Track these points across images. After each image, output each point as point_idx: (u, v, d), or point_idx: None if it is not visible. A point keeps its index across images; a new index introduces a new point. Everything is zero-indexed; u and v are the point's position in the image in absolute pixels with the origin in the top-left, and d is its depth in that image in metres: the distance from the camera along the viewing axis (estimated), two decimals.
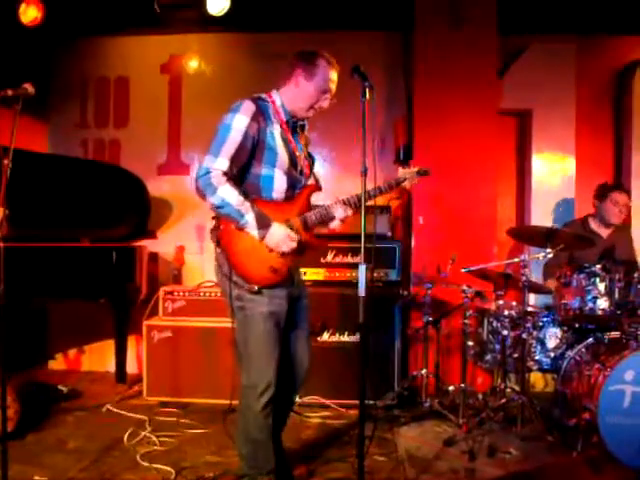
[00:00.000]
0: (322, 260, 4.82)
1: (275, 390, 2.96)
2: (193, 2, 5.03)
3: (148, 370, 4.79)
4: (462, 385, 4.26)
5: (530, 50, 5.44)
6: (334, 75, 3.01)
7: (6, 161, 2.79)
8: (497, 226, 5.13)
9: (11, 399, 3.67)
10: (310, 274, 4.82)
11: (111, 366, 5.34)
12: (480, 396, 4.42)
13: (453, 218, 5.07)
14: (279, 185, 3.00)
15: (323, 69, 2.99)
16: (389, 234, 4.91)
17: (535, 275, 4.99)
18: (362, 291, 2.79)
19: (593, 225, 4.81)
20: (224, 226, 2.92)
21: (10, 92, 2.83)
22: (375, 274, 4.70)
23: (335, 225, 3.14)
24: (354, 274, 4.63)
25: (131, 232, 5.37)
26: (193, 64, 5.96)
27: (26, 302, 4.60)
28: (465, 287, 4.33)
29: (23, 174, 3.02)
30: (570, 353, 4.04)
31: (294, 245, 2.91)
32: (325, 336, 4.70)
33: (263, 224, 2.85)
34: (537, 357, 4.26)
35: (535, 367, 4.31)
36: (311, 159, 3.25)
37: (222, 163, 2.82)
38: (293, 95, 3.04)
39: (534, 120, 5.58)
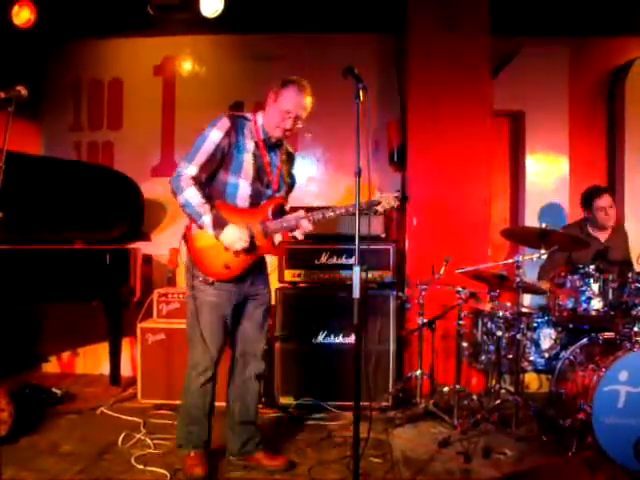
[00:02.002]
0: (316, 262, 4.81)
1: (213, 373, 3.38)
2: (186, 4, 5.02)
3: (142, 372, 4.78)
4: (457, 386, 4.26)
5: (523, 51, 5.44)
6: (303, 100, 3.34)
7: None
8: (491, 227, 5.15)
9: (5, 402, 3.67)
10: (304, 276, 4.82)
11: (105, 369, 5.34)
12: (475, 397, 4.41)
13: (447, 219, 5.08)
14: (243, 193, 3.37)
15: (289, 93, 3.32)
16: (383, 235, 4.90)
17: (529, 276, 4.99)
18: (357, 293, 2.80)
19: (590, 229, 4.81)
20: (189, 225, 3.34)
21: (2, 94, 2.82)
22: (370, 275, 4.69)
23: (296, 234, 3.45)
24: (348, 275, 4.63)
25: (125, 234, 5.36)
26: (186, 66, 5.95)
27: (19, 305, 4.59)
28: (459, 288, 4.33)
29: (16, 177, 3.01)
30: (564, 354, 4.05)
31: (246, 245, 3.24)
32: (320, 338, 4.69)
33: (219, 224, 3.23)
34: (531, 358, 4.27)
35: (530, 368, 4.32)
36: (291, 179, 3.66)
37: (192, 169, 3.26)
38: (266, 116, 3.41)
39: (527, 121, 5.60)
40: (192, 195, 3.21)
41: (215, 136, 3.27)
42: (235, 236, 3.21)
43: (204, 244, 3.28)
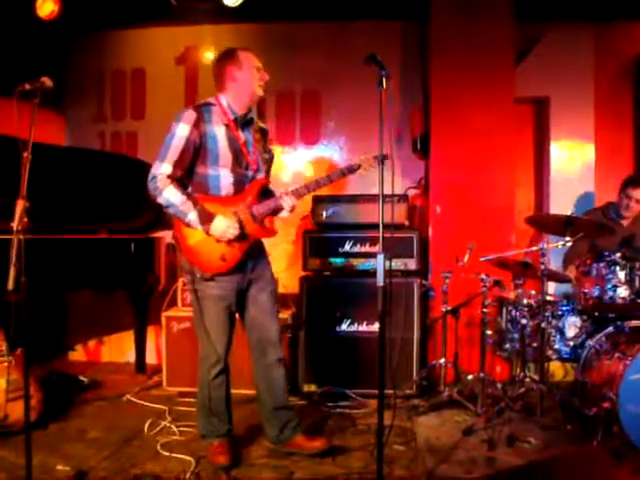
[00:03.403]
0: (340, 250, 4.81)
1: (224, 365, 3.41)
2: None
3: (167, 360, 4.83)
4: (481, 374, 4.25)
5: (547, 37, 5.39)
6: (254, 57, 3.38)
7: (25, 154, 2.81)
8: (515, 214, 5.11)
9: (34, 389, 3.71)
10: (328, 264, 4.82)
11: (131, 357, 5.40)
12: (499, 385, 4.39)
13: (471, 207, 5.05)
14: (225, 182, 3.32)
15: (247, 55, 3.36)
16: (407, 223, 4.89)
17: (554, 263, 4.96)
18: (381, 281, 2.79)
19: (614, 214, 4.77)
20: (177, 225, 3.29)
21: (28, 86, 2.85)
22: (393, 264, 4.67)
23: (284, 215, 3.45)
24: (372, 263, 4.62)
25: (149, 223, 5.39)
26: (208, 55, 5.96)
27: (46, 294, 4.64)
28: (484, 276, 4.30)
29: (42, 167, 3.04)
30: (590, 342, 4.01)
31: (237, 233, 3.21)
32: (344, 326, 4.70)
33: (205, 219, 3.19)
34: (556, 346, 4.24)
35: (554, 356, 4.28)
36: (268, 153, 3.60)
37: (166, 168, 3.21)
38: (236, 90, 3.36)
39: (552, 108, 5.53)
40: (172, 194, 3.18)
41: (183, 131, 3.21)
42: (224, 226, 3.18)
43: (196, 241, 3.24)
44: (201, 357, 3.42)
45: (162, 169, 3.20)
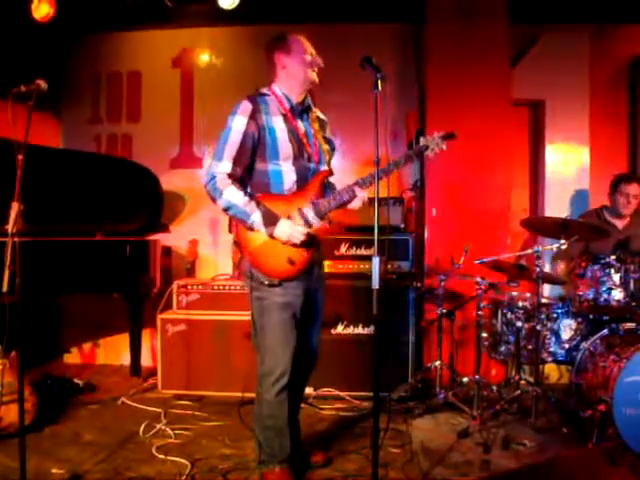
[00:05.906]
0: (335, 252, 4.81)
1: (290, 378, 3.04)
2: None
3: (163, 363, 4.81)
4: (476, 377, 4.24)
5: (542, 40, 5.40)
6: (306, 41, 3.17)
7: (20, 156, 2.81)
8: (511, 217, 5.11)
9: (28, 392, 3.70)
10: (324, 267, 4.82)
11: (126, 359, 5.39)
12: (494, 388, 4.40)
13: (466, 209, 5.05)
14: (288, 178, 3.07)
15: (295, 41, 3.13)
16: (402, 226, 4.89)
17: (549, 266, 4.97)
18: (376, 283, 2.79)
19: (608, 216, 4.78)
20: (238, 229, 3.02)
21: (23, 88, 2.85)
22: (389, 266, 4.68)
23: (354, 205, 3.17)
24: (367, 266, 4.62)
25: (144, 226, 5.39)
26: (204, 57, 5.96)
27: (41, 296, 4.64)
28: (479, 278, 4.31)
29: (37, 169, 3.03)
30: (585, 344, 4.02)
31: (303, 238, 2.95)
32: (339, 328, 4.70)
33: (270, 222, 2.93)
34: (551, 348, 4.25)
35: (549, 359, 4.30)
36: (329, 144, 3.33)
37: (225, 166, 2.95)
38: (287, 77, 3.13)
39: (547, 110, 5.55)
40: (233, 195, 2.90)
41: (239, 124, 2.96)
42: (289, 230, 2.92)
43: (259, 244, 2.97)
44: (262, 373, 3.08)
45: (221, 168, 2.94)
